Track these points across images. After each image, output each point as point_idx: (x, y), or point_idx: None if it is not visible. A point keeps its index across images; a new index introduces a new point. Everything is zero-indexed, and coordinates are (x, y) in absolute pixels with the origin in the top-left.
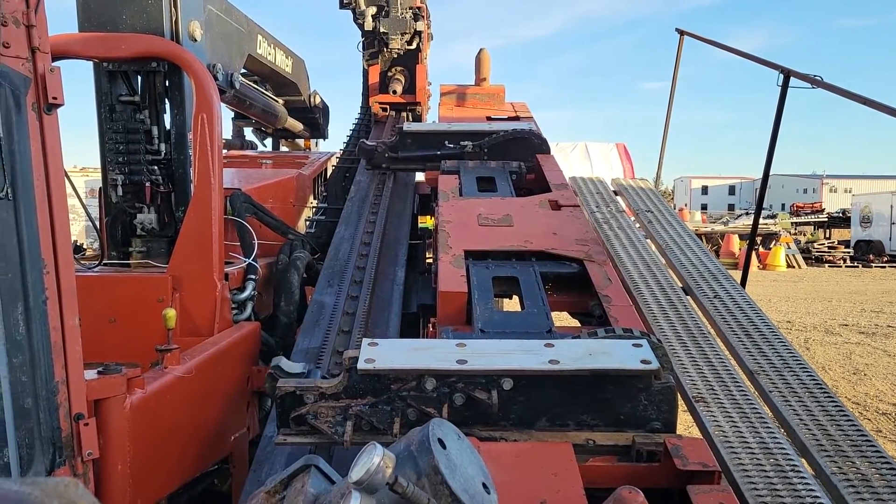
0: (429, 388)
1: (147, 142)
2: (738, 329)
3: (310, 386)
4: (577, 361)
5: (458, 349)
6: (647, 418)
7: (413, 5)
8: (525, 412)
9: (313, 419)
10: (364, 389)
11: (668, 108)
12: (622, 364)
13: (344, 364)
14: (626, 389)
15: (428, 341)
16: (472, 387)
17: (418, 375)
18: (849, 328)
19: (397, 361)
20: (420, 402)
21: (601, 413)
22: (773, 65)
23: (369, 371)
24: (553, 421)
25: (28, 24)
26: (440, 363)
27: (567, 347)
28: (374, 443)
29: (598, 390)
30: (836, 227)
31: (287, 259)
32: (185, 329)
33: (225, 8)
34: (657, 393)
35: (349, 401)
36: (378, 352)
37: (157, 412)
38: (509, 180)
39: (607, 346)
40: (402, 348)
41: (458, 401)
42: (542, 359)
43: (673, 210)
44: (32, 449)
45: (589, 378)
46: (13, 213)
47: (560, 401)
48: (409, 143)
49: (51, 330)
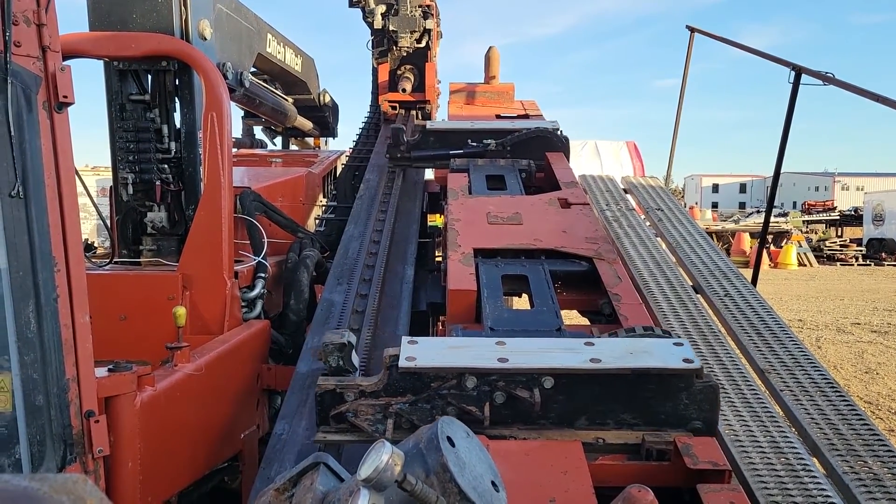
0: (469, 387)
1: (157, 140)
2: (749, 328)
3: (350, 384)
4: (619, 360)
5: (498, 347)
6: (688, 417)
7: (423, 3)
8: (565, 411)
9: (353, 417)
10: (404, 387)
11: (679, 105)
12: (664, 363)
13: (384, 362)
14: (667, 388)
15: (467, 339)
16: (514, 385)
17: (459, 374)
18: (861, 327)
19: (438, 360)
20: (460, 401)
21: (641, 412)
22: (784, 62)
23: (410, 369)
24: (593, 420)
25: (39, 23)
26: (481, 361)
27: (607, 346)
28: (382, 440)
29: (639, 389)
30: (847, 225)
31: (296, 257)
32: (196, 327)
33: (234, 6)
34: (698, 392)
35: (389, 399)
36: (418, 350)
37: (167, 410)
38: (519, 178)
39: (647, 344)
40: (442, 346)
41: (498, 399)
42: (584, 357)
43: (683, 208)
44: (44, 446)
45: (630, 377)
46: (24, 211)
47: (600, 399)
48: (432, 141)
49: (62, 327)
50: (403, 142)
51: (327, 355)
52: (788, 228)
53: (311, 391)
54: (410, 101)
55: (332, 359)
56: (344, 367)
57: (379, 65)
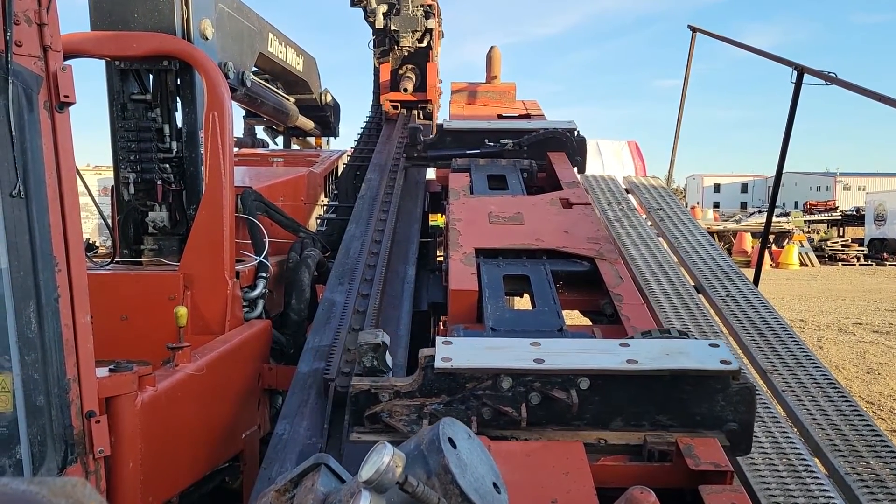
0: (505, 388)
1: (159, 140)
2: (751, 328)
3: (384, 384)
4: (656, 361)
5: (533, 348)
6: (724, 419)
7: (424, 3)
8: (600, 412)
9: (387, 417)
10: (439, 388)
11: (681, 105)
12: (702, 364)
13: (420, 362)
14: (703, 390)
15: (501, 340)
16: (550, 386)
17: (494, 374)
18: (863, 327)
19: (474, 360)
20: (496, 402)
21: (677, 413)
22: (786, 61)
23: (446, 370)
24: (628, 421)
25: (40, 23)
26: (517, 362)
27: (643, 347)
28: (384, 442)
29: (675, 390)
30: (849, 225)
31: (298, 257)
32: (197, 327)
33: (236, 6)
34: (735, 393)
35: (423, 399)
36: (453, 350)
37: (168, 410)
38: (520, 178)
39: (683, 345)
40: (476, 347)
41: (533, 400)
42: (620, 358)
43: (685, 208)
44: (44, 446)
45: (666, 378)
46: (25, 211)
47: (636, 401)
48: (449, 140)
49: (63, 328)
50: (420, 141)
51: (361, 355)
52: (790, 228)
53: (312, 391)
54: (412, 100)
55: (367, 359)
56: (378, 368)
57: (380, 64)
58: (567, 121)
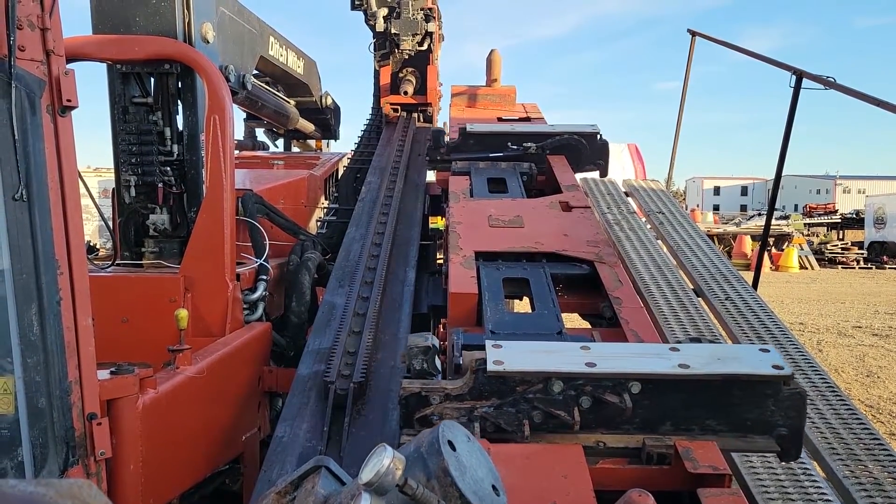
0: (555, 391)
1: (160, 143)
2: (750, 331)
3: (435, 387)
4: (708, 366)
5: (584, 352)
6: (774, 424)
7: (425, 6)
8: (650, 417)
9: (438, 420)
10: (489, 391)
11: (680, 108)
12: (755, 369)
13: (470, 365)
14: (754, 395)
15: (550, 343)
16: (601, 390)
17: (545, 378)
18: (862, 330)
19: (526, 364)
20: (546, 405)
21: (727, 418)
22: (785, 66)
23: (499, 373)
24: (678, 425)
25: (43, 28)
26: (569, 366)
27: (693, 351)
28: (384, 444)
29: (726, 395)
30: (849, 228)
31: (298, 260)
32: (197, 329)
33: (237, 10)
34: (786, 399)
35: (474, 402)
36: (504, 353)
37: (169, 412)
38: (520, 181)
39: (734, 350)
40: (526, 350)
41: (584, 404)
42: (672, 363)
43: (684, 211)
44: (46, 448)
45: (717, 383)
46: (28, 214)
47: (685, 405)
48: (472, 143)
49: (64, 330)
50: (444, 144)
51: (411, 358)
52: (790, 231)
53: (312, 394)
54: (412, 103)
55: (417, 362)
56: (427, 371)
57: (381, 67)
58: (590, 124)
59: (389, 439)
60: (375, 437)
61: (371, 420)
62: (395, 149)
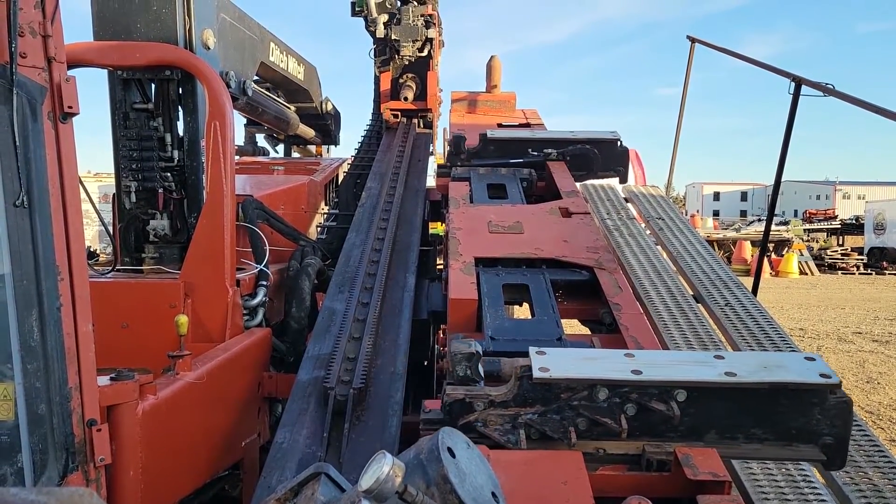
0: (601, 398)
1: (160, 149)
2: (750, 337)
3: (479, 393)
4: (755, 374)
5: (628, 360)
6: (820, 433)
7: (425, 13)
8: (695, 424)
9: (482, 427)
10: (534, 398)
11: (680, 114)
12: (802, 377)
13: (515, 372)
14: (800, 403)
15: (595, 351)
16: (647, 398)
17: (590, 385)
18: (862, 336)
19: (571, 371)
20: (592, 412)
21: (772, 427)
22: (784, 73)
23: (545, 380)
24: (722, 434)
25: (45, 35)
26: (615, 373)
27: (739, 360)
28: (383, 451)
29: (771, 403)
30: (849, 233)
31: (298, 265)
32: (197, 335)
33: (238, 16)
34: (832, 408)
35: (518, 409)
36: (549, 360)
37: (168, 418)
38: (520, 187)
39: (780, 359)
40: (571, 357)
41: (630, 411)
42: (718, 371)
43: (684, 217)
44: (46, 455)
45: (764, 391)
46: (28, 220)
47: (731, 413)
48: (492, 149)
49: (65, 336)
50: (465, 150)
51: (455, 364)
52: (789, 237)
53: (311, 399)
54: (412, 109)
55: (461, 368)
56: (471, 377)
57: (381, 73)
58: (610, 131)
59: (389, 445)
60: (375, 443)
61: (371, 426)
62: (396, 154)
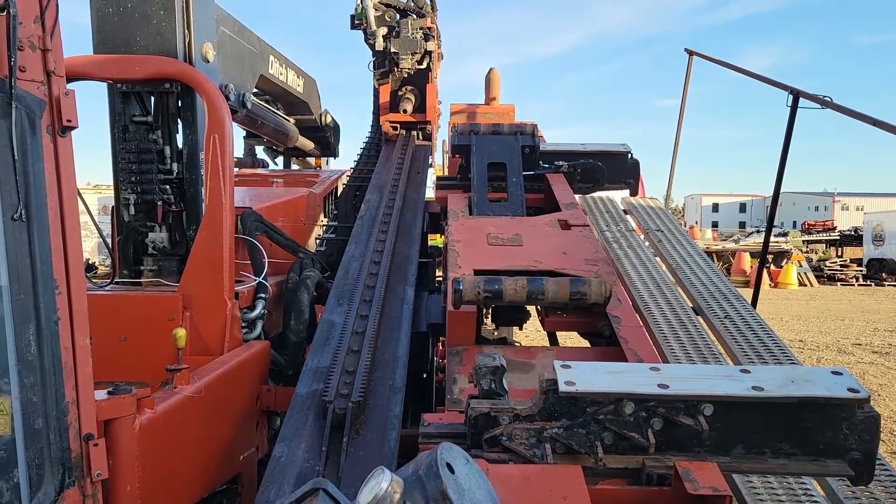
0: (627, 412)
1: (159, 161)
2: (749, 349)
3: (504, 407)
4: (782, 388)
5: (654, 373)
6: (847, 448)
7: (424, 25)
8: (721, 439)
9: (507, 441)
10: (559, 412)
11: (678, 126)
12: (830, 392)
13: (540, 386)
14: (828, 418)
15: (620, 364)
16: (674, 412)
17: (616, 399)
18: (862, 348)
19: (598, 384)
20: (618, 426)
21: (799, 441)
22: (782, 85)
23: (571, 394)
24: (749, 448)
25: (44, 49)
26: (642, 387)
27: (766, 374)
28: (381, 467)
29: (798, 418)
30: (848, 245)
31: (297, 278)
32: (196, 348)
33: (237, 29)
34: (860, 422)
35: (544, 423)
36: (575, 374)
37: (166, 432)
38: (520, 163)
39: (807, 373)
40: (596, 371)
41: (656, 425)
42: (745, 385)
43: (683, 229)
44: (42, 469)
45: (791, 406)
46: (26, 234)
47: (758, 428)
48: None
49: (62, 350)
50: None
51: (480, 378)
52: (788, 248)
53: (310, 413)
54: (411, 121)
55: (485, 381)
56: (496, 391)
57: (380, 86)
58: (621, 143)
59: (388, 459)
60: (374, 457)
61: (370, 440)
62: (395, 166)
